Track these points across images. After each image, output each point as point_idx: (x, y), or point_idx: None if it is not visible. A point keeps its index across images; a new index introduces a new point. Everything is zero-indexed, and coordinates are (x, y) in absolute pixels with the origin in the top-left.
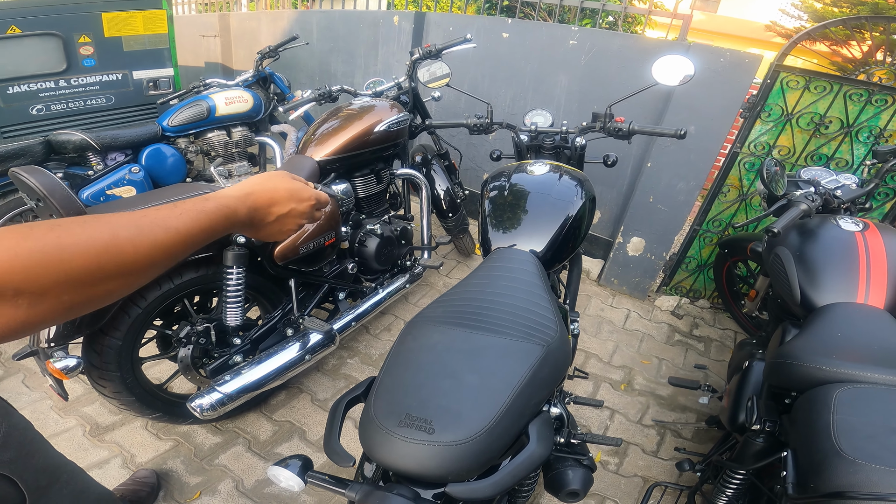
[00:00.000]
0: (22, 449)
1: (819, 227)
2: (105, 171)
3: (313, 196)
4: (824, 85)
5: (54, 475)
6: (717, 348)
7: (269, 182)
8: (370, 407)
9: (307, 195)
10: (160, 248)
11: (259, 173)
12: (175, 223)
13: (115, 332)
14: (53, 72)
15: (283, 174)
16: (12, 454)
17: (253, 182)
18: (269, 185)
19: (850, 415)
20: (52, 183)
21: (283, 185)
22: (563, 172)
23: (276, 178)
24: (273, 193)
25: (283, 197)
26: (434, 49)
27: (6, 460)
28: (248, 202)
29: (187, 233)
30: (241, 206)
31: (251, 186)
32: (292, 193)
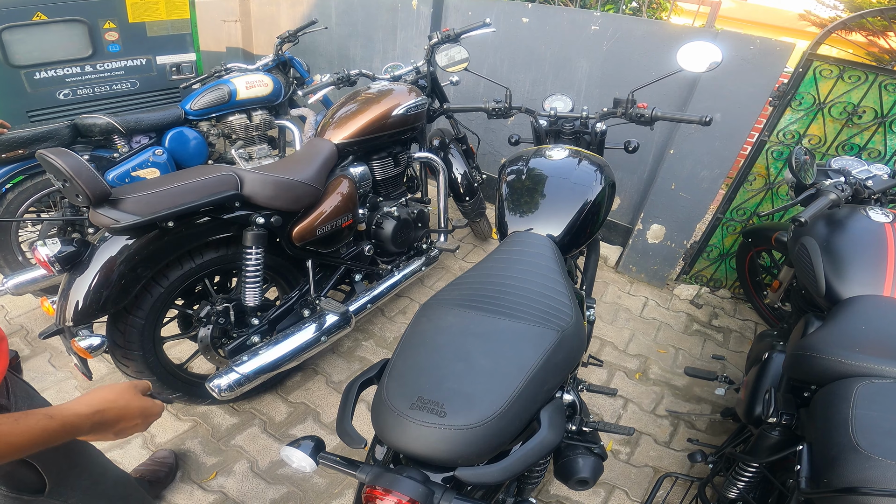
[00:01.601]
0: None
1: (847, 217)
2: (130, 154)
3: (158, 413)
4: (859, 74)
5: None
6: (736, 339)
7: (120, 400)
8: (383, 389)
9: (155, 412)
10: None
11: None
12: (15, 440)
13: (139, 312)
14: (79, 57)
15: (132, 391)
16: None
17: (104, 399)
18: (121, 403)
19: (870, 410)
20: (78, 165)
21: (136, 403)
22: (583, 157)
23: (128, 395)
24: (123, 413)
25: (132, 415)
26: (453, 33)
27: None
28: (94, 419)
29: (27, 448)
30: (85, 424)
31: (102, 404)
32: (144, 411)
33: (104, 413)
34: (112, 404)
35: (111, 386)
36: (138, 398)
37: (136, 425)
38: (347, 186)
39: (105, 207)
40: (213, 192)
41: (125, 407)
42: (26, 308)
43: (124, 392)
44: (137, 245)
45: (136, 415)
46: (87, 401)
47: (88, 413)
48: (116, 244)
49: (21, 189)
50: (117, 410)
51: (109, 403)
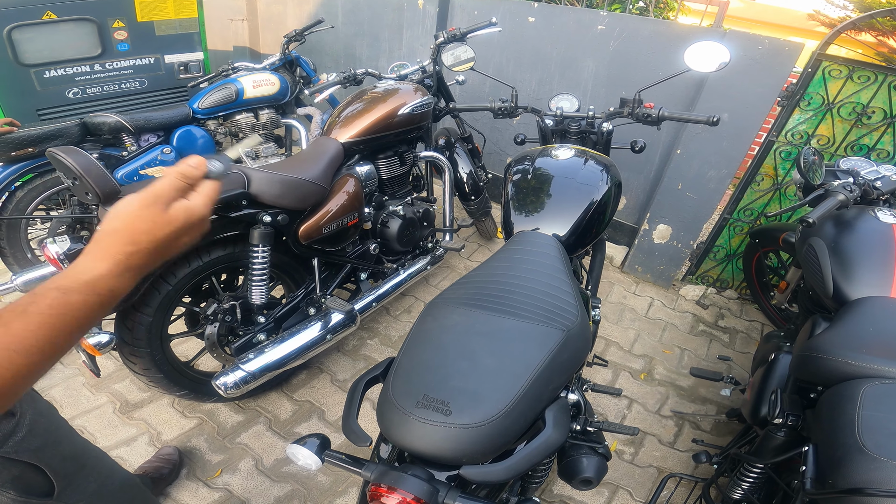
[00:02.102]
0: (49, 436)
1: (856, 218)
2: (138, 152)
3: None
4: (868, 75)
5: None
6: (742, 340)
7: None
8: (388, 387)
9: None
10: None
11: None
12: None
13: (147, 309)
14: (88, 56)
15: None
16: (39, 442)
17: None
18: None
19: (877, 411)
20: (88, 163)
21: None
22: (589, 157)
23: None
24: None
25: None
26: (459, 33)
27: (34, 448)
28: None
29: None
30: (119, 283)
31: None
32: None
33: (126, 260)
34: (131, 243)
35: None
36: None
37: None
38: (353, 185)
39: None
40: (221, 190)
41: (149, 237)
42: None
43: (139, 220)
44: None
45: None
46: (99, 253)
47: (108, 268)
48: None
49: (31, 187)
50: (140, 246)
51: (129, 245)
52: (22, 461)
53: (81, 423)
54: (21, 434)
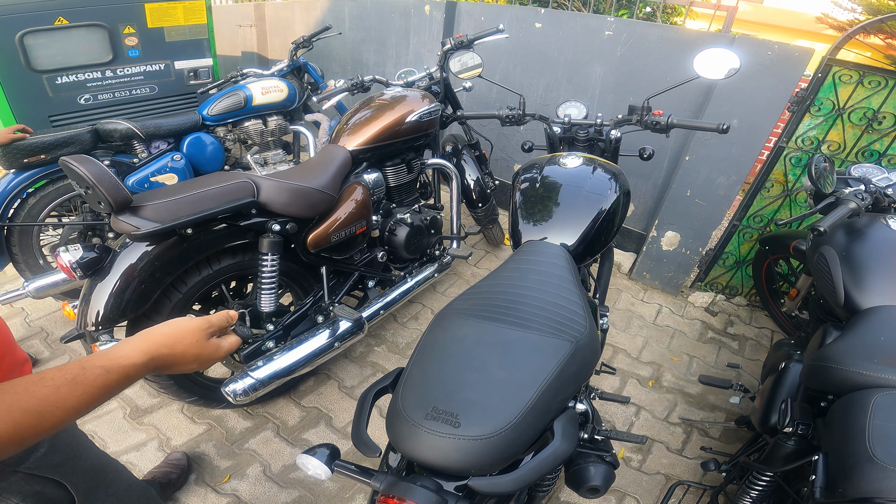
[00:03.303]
0: (70, 451)
1: (867, 226)
2: (149, 159)
3: (222, 356)
4: (879, 80)
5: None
6: (751, 347)
7: (178, 345)
8: (398, 399)
9: (218, 356)
10: (58, 426)
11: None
12: (74, 403)
13: (157, 317)
14: (100, 62)
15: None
16: (61, 458)
17: (159, 342)
18: (179, 349)
19: (887, 421)
20: (100, 172)
21: (194, 350)
22: (597, 165)
23: (188, 340)
24: (179, 359)
25: (189, 361)
26: (466, 39)
27: (55, 464)
28: (150, 367)
29: (86, 408)
30: (141, 372)
31: (156, 349)
32: (200, 357)
33: (158, 359)
34: (167, 349)
35: (174, 325)
36: (199, 344)
37: (193, 368)
38: (361, 193)
39: (126, 214)
40: (231, 199)
41: (182, 353)
42: (46, 311)
43: (186, 335)
44: (157, 251)
45: (191, 360)
46: (142, 346)
47: (143, 362)
48: (137, 250)
49: (43, 193)
50: (171, 356)
51: (164, 348)
52: (43, 476)
53: (92, 429)
54: (43, 450)
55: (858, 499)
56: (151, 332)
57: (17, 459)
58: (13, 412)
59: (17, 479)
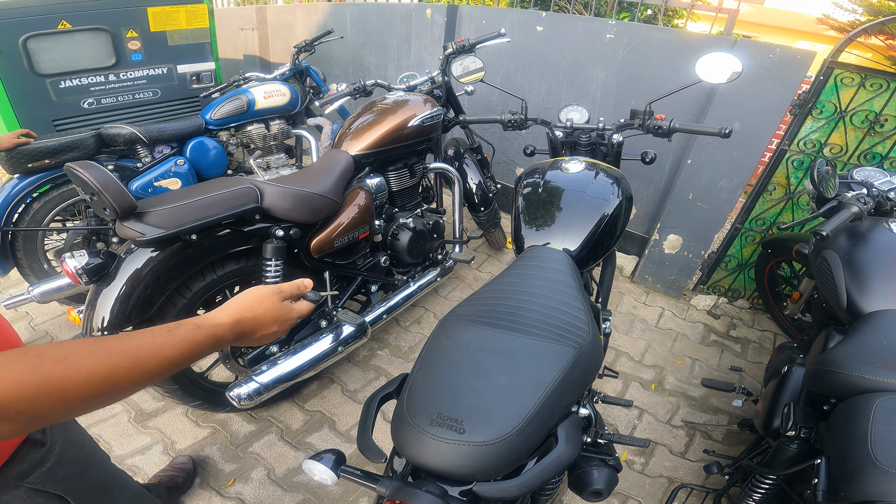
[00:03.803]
0: (76, 465)
1: (870, 230)
2: (153, 164)
3: (296, 318)
4: (881, 82)
5: (107, 488)
6: (754, 350)
7: (258, 308)
8: (403, 405)
9: (292, 318)
10: (153, 376)
11: (248, 289)
12: (169, 352)
13: (162, 322)
14: (103, 66)
15: (271, 298)
16: (66, 472)
17: (242, 307)
18: (259, 311)
19: (890, 425)
20: (106, 178)
21: (272, 313)
22: (599, 170)
23: (266, 303)
24: (261, 321)
25: (269, 323)
26: (468, 43)
27: (60, 478)
28: (236, 329)
29: (179, 360)
30: (229, 334)
31: (240, 312)
32: (278, 319)
33: (243, 324)
34: (250, 313)
35: (252, 291)
36: (275, 306)
37: (274, 333)
38: (364, 198)
39: (131, 220)
40: (235, 204)
41: (262, 316)
42: (51, 315)
43: (263, 299)
44: (162, 257)
45: (271, 323)
46: (227, 310)
47: (230, 322)
48: (142, 256)
49: (47, 198)
50: (255, 320)
51: (247, 312)
52: (46, 491)
53: (97, 432)
54: (49, 464)
55: (861, 502)
56: (234, 300)
57: (20, 473)
58: (112, 353)
59: (20, 493)
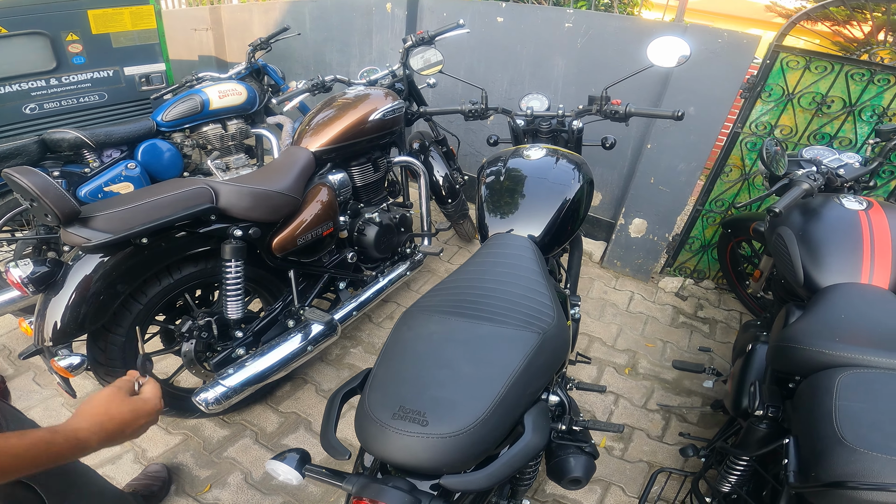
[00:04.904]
0: None
1: (822, 206)
2: (101, 168)
3: (155, 402)
4: (825, 65)
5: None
6: (722, 330)
7: (114, 410)
8: (365, 399)
9: (150, 406)
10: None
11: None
12: (20, 452)
13: (118, 329)
14: (43, 70)
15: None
16: None
17: (100, 413)
18: (116, 413)
19: (853, 401)
20: (44, 183)
21: (127, 407)
22: (560, 156)
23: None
24: (125, 420)
25: (129, 420)
26: (427, 36)
27: None
28: (102, 435)
29: (31, 461)
30: (93, 438)
31: (99, 418)
32: (137, 414)
33: (105, 427)
34: (107, 416)
35: (97, 397)
36: (127, 403)
37: (144, 425)
38: (327, 194)
39: (75, 226)
40: (187, 206)
41: (120, 415)
42: (7, 328)
43: (112, 401)
44: (112, 263)
45: (132, 418)
46: (84, 416)
47: (89, 427)
48: (90, 262)
49: None
50: (117, 424)
51: (105, 415)
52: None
53: None
54: None
55: (832, 483)
56: (85, 408)
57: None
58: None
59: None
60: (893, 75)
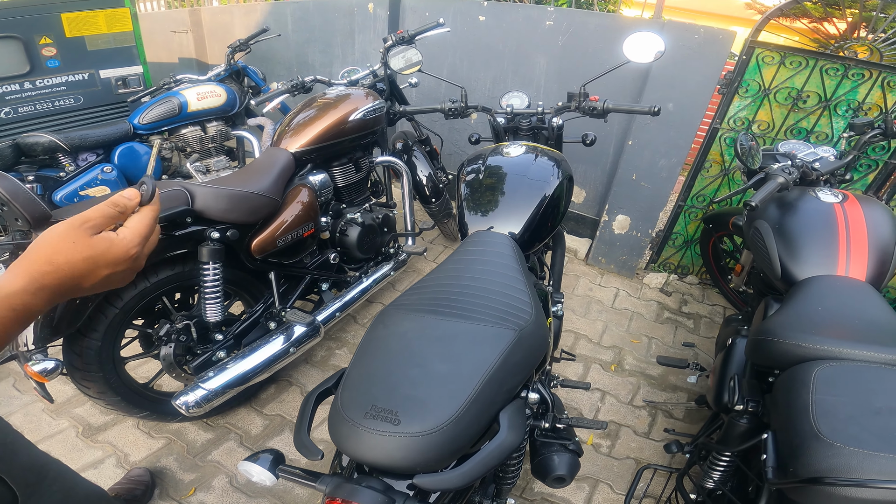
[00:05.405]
0: (5, 448)
1: (798, 199)
2: (77, 172)
3: (134, 246)
4: (800, 60)
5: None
6: (706, 325)
7: (59, 257)
8: (338, 399)
9: (123, 249)
10: None
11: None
12: None
13: (93, 333)
14: (17, 74)
15: (73, 236)
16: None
17: (38, 261)
18: (62, 259)
19: (830, 394)
20: (14, 188)
21: (79, 255)
22: (539, 153)
23: (66, 246)
24: (71, 271)
25: (86, 270)
26: (407, 35)
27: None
28: (44, 295)
29: None
30: (32, 301)
31: (36, 270)
32: (97, 262)
33: (45, 282)
34: (50, 265)
35: (44, 237)
36: (84, 246)
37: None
38: (307, 195)
39: None
40: (162, 208)
41: (69, 265)
42: None
43: (61, 241)
44: None
45: (90, 268)
46: (17, 272)
47: (29, 289)
48: None
49: None
50: (63, 273)
51: (46, 266)
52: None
53: (45, 448)
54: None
55: (809, 479)
56: (24, 253)
57: None
58: None
59: None
60: (867, 70)
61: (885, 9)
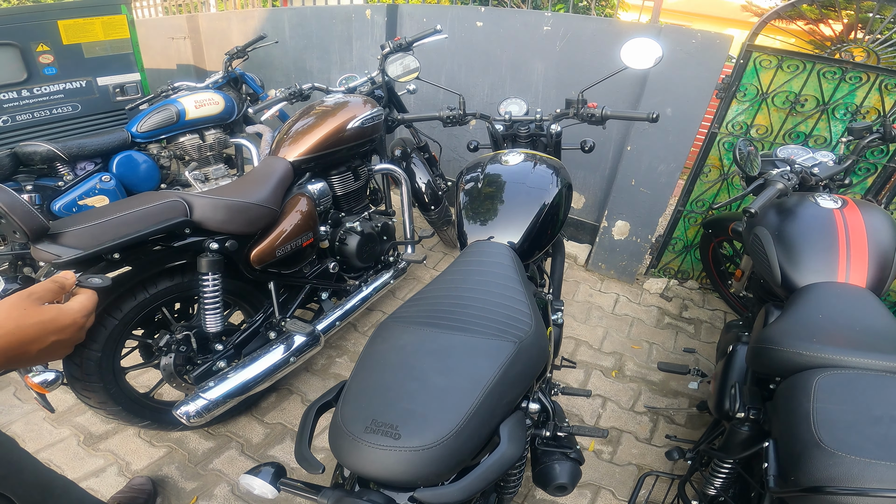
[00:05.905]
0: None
1: (797, 205)
2: (75, 182)
3: (77, 317)
4: (797, 64)
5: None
6: (707, 330)
7: (10, 323)
8: (338, 413)
9: (67, 320)
10: None
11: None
12: None
13: (93, 345)
14: (14, 82)
15: (19, 307)
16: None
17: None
18: (12, 327)
19: (831, 403)
20: (12, 200)
21: (28, 321)
22: (538, 161)
23: (14, 315)
24: (21, 336)
25: (34, 335)
26: (404, 42)
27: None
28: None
29: None
30: None
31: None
32: (45, 328)
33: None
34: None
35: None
36: (31, 315)
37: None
38: (306, 204)
39: (45, 242)
40: (160, 220)
41: (18, 330)
42: None
43: (10, 311)
44: None
45: (38, 334)
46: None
47: None
48: None
49: None
50: (10, 339)
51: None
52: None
53: (47, 457)
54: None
55: (811, 488)
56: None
57: None
58: None
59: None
60: (864, 73)
61: (881, 10)
